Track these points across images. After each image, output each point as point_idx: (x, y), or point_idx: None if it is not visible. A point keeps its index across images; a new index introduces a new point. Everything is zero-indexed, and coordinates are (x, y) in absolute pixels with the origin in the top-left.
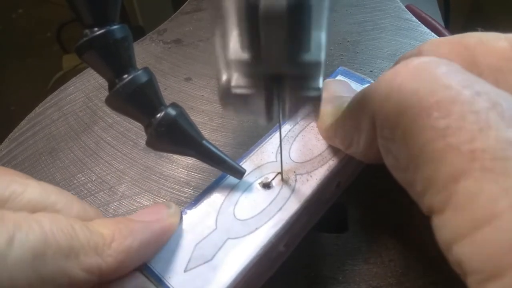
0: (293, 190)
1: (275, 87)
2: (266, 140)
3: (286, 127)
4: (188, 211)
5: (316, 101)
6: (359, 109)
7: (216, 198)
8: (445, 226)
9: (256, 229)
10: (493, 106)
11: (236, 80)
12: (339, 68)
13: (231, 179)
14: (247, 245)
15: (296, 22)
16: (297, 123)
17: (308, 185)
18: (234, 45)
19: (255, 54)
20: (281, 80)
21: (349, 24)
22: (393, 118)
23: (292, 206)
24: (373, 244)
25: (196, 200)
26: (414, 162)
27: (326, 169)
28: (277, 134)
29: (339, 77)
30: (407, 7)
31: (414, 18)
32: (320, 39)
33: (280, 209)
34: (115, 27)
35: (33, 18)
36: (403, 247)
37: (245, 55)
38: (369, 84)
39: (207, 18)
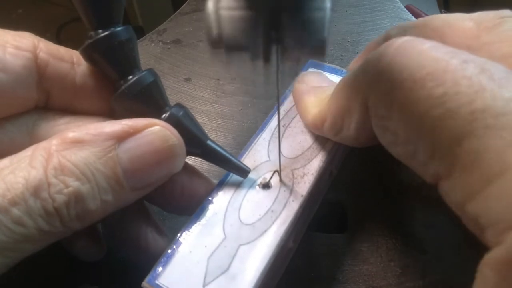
0: (292, 186)
1: (274, 30)
2: (255, 141)
3: (271, 126)
4: (193, 225)
5: (320, 49)
6: (348, 94)
7: (218, 207)
8: (455, 188)
9: (266, 230)
10: (482, 70)
11: (229, 33)
12: (309, 61)
13: (228, 186)
14: (261, 248)
15: None
16: (281, 119)
17: (305, 178)
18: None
19: (252, 8)
20: (281, 23)
21: (349, 24)
22: (387, 95)
23: (295, 202)
24: (373, 244)
25: (199, 212)
26: (415, 133)
27: (320, 159)
28: (264, 134)
29: (311, 69)
30: (407, 7)
31: (413, 19)
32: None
33: (285, 206)
34: (119, 28)
35: (33, 18)
36: (402, 247)
37: (240, 12)
38: (355, 69)
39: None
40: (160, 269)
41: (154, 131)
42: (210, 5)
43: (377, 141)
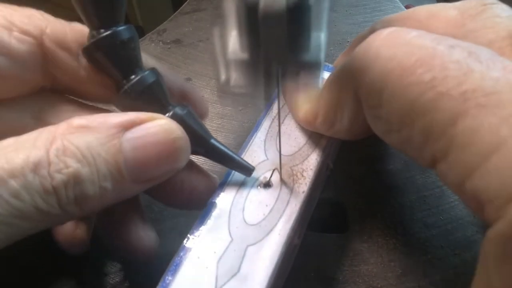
0: (293, 183)
1: (274, 74)
2: (251, 142)
3: (265, 125)
4: (198, 230)
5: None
6: (339, 87)
7: (221, 210)
8: (453, 167)
9: (272, 229)
10: (469, 54)
11: (235, 79)
12: None
13: (229, 188)
14: (269, 247)
15: (295, 22)
16: (274, 118)
17: (305, 174)
18: (234, 46)
19: (255, 54)
20: (280, 70)
21: (349, 24)
22: (378, 84)
23: (298, 198)
24: (373, 244)
25: (202, 217)
26: (408, 118)
27: (317, 154)
28: (259, 134)
29: None
30: (407, 7)
31: None
32: (319, 39)
33: (288, 203)
34: (121, 28)
35: None
36: (403, 247)
37: (244, 55)
38: (344, 62)
39: (206, 19)
40: (169, 278)
41: (160, 123)
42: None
43: (370, 132)
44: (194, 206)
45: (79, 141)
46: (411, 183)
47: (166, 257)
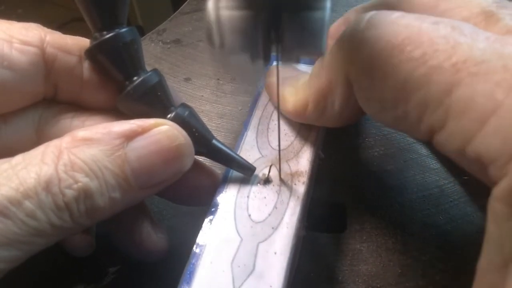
0: (292, 176)
1: (273, 27)
2: (242, 141)
3: (253, 123)
4: (206, 235)
5: (318, 50)
6: (328, 73)
7: (225, 211)
8: (452, 135)
9: (279, 223)
10: (453, 28)
11: (231, 41)
12: (272, 56)
13: (230, 188)
14: (280, 241)
15: None
16: (262, 115)
17: (302, 166)
18: (227, 1)
19: (251, 8)
20: (280, 23)
21: None
22: (368, 66)
23: (299, 190)
24: (372, 244)
25: (208, 221)
26: (402, 95)
27: (309, 145)
28: (249, 132)
29: (275, 63)
30: None
31: None
32: None
33: (290, 197)
34: (124, 30)
35: (33, 18)
36: (402, 247)
37: (239, 12)
38: (330, 49)
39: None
40: (185, 287)
41: (162, 130)
42: (210, 5)
43: (362, 116)
44: (199, 202)
45: (85, 154)
46: (410, 183)
47: (166, 255)
